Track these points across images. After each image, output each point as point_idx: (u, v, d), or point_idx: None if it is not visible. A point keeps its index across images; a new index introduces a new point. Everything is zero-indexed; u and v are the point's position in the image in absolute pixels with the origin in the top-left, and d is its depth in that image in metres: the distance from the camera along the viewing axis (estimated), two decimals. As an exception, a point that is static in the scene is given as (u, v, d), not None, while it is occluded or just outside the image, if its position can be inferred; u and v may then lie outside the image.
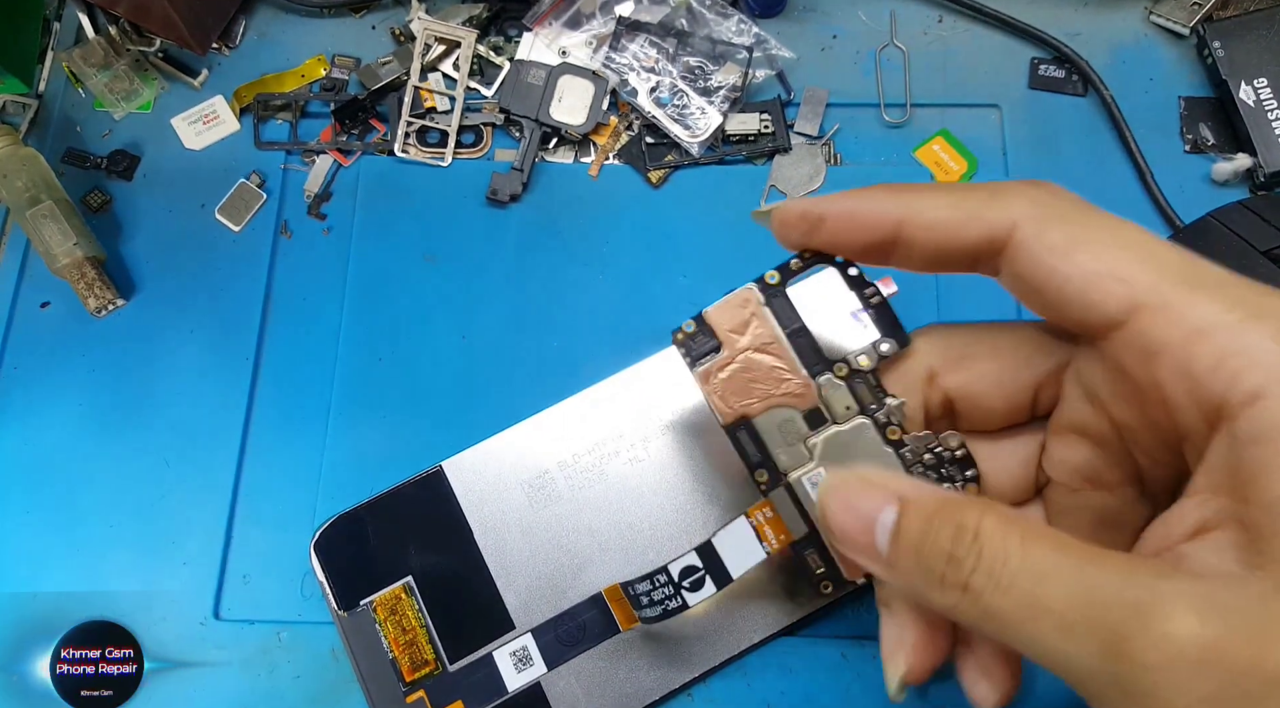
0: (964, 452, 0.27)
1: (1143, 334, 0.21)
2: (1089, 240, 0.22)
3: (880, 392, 0.27)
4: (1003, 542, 0.20)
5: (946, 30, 0.41)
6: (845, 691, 0.32)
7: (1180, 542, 0.21)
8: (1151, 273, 0.21)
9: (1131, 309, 0.21)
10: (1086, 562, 0.19)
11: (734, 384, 0.28)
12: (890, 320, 0.27)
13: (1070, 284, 0.22)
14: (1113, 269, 0.21)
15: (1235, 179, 0.37)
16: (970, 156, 0.39)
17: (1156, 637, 0.17)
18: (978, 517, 0.21)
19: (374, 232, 0.39)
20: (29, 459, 0.37)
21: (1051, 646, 0.19)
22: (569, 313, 0.38)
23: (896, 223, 0.24)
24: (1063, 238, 0.22)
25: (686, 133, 0.39)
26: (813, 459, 0.28)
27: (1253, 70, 0.38)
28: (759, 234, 0.38)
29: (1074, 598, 0.19)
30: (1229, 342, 0.20)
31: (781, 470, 0.28)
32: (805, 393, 0.28)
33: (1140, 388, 0.21)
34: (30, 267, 0.40)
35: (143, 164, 0.41)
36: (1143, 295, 0.21)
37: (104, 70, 0.42)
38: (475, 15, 0.42)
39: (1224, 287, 0.21)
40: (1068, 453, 0.25)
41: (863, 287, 0.28)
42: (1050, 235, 0.22)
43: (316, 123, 0.42)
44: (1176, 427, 0.21)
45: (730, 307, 0.29)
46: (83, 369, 0.38)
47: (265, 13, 0.43)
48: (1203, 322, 0.20)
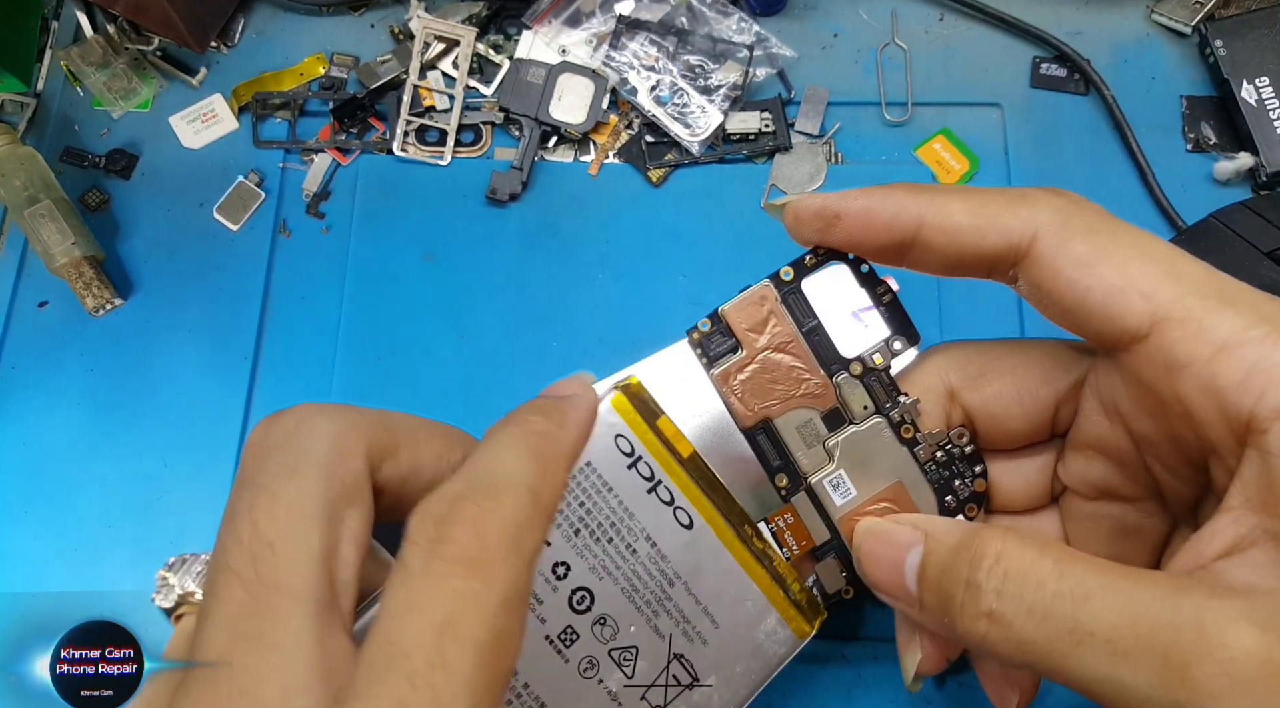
0: (972, 448, 0.27)
1: (1166, 348, 0.21)
2: (1112, 253, 0.22)
3: (894, 389, 0.28)
4: (1033, 565, 0.19)
5: (948, 29, 0.41)
6: (846, 691, 0.32)
7: (1215, 559, 0.20)
8: (1175, 287, 0.21)
9: (1154, 323, 0.21)
10: (1132, 582, 0.18)
11: (754, 386, 0.28)
12: (902, 319, 0.27)
13: (1092, 296, 0.22)
14: (1136, 282, 0.21)
15: (1237, 178, 0.37)
16: (971, 155, 0.39)
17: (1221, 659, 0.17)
18: (999, 542, 0.20)
19: (373, 231, 0.39)
20: (28, 459, 0.37)
21: (1102, 674, 0.18)
22: (568, 312, 0.38)
23: (915, 225, 0.24)
24: (1086, 250, 0.22)
25: (687, 131, 0.39)
26: (833, 461, 0.28)
27: (1254, 69, 0.38)
28: (759, 233, 0.39)
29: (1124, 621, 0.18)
30: (1257, 356, 0.20)
31: (802, 474, 0.28)
32: (824, 393, 0.28)
33: (1162, 402, 0.21)
34: (28, 266, 0.40)
35: (141, 163, 0.41)
36: (1166, 309, 0.21)
37: (102, 69, 0.42)
38: (474, 14, 0.42)
39: (1249, 302, 0.20)
40: (1086, 467, 0.25)
41: (874, 285, 0.27)
42: (1073, 247, 0.22)
43: (315, 121, 0.41)
44: (1201, 441, 0.21)
45: (747, 304, 0.28)
46: (81, 369, 0.38)
47: (264, 11, 0.43)
48: (1228, 336, 0.20)
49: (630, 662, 0.26)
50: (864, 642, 0.33)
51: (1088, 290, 0.22)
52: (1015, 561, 0.20)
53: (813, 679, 0.32)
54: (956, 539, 0.22)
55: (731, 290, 0.37)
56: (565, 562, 0.26)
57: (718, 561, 0.27)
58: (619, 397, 0.26)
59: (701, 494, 0.27)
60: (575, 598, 0.26)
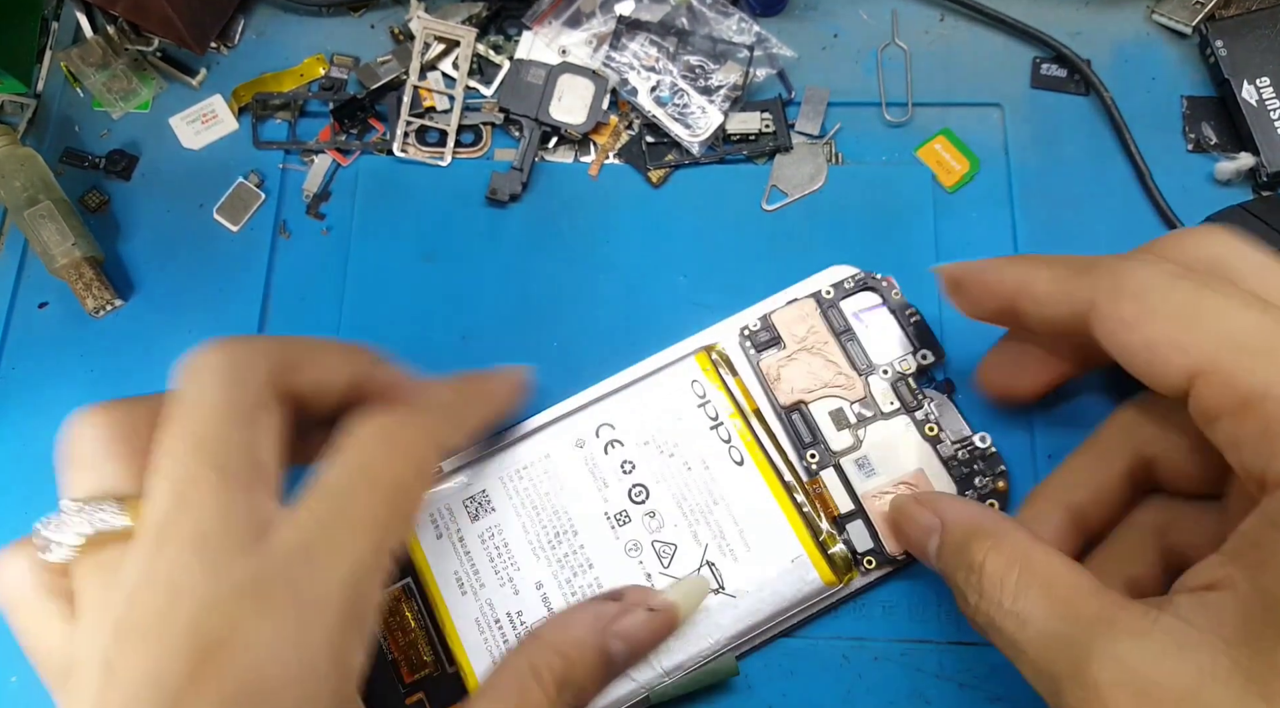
0: (994, 451, 0.31)
1: (1200, 401, 0.22)
2: (1156, 312, 0.23)
3: (919, 393, 0.32)
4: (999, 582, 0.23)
5: (948, 29, 0.41)
6: (846, 692, 0.32)
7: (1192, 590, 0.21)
8: (1210, 340, 0.21)
9: (1190, 377, 0.22)
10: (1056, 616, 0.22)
11: (793, 373, 0.33)
12: (927, 336, 0.33)
13: (1139, 355, 0.23)
14: (1174, 338, 0.22)
15: (1238, 178, 0.37)
16: (972, 156, 0.39)
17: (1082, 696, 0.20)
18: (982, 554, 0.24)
19: (373, 231, 0.39)
20: (28, 460, 0.37)
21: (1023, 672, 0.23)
22: (569, 312, 0.38)
23: (1013, 295, 0.26)
24: (1132, 311, 0.23)
25: (687, 132, 0.39)
26: (860, 446, 0.32)
27: (1255, 69, 0.38)
28: (759, 233, 0.39)
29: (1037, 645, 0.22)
30: (1274, 415, 0.20)
31: (832, 452, 0.32)
32: (855, 387, 0.33)
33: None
34: (28, 267, 0.40)
35: (141, 164, 0.41)
36: (1199, 363, 0.21)
37: (102, 70, 0.42)
38: (474, 14, 0.42)
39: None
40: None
41: (904, 308, 0.34)
42: (1122, 309, 0.23)
43: (315, 122, 0.41)
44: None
45: (792, 311, 0.34)
46: (81, 370, 0.38)
47: (264, 12, 0.43)
48: (1251, 391, 0.20)
49: (668, 555, 0.31)
50: (864, 642, 0.33)
51: (1136, 350, 0.23)
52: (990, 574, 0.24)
53: (813, 680, 0.32)
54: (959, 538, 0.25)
55: (732, 290, 0.38)
56: (632, 461, 0.32)
57: (760, 497, 0.31)
58: (702, 354, 0.33)
59: (755, 441, 0.32)
60: (634, 491, 0.32)
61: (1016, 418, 0.34)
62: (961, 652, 0.32)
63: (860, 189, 0.38)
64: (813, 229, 0.38)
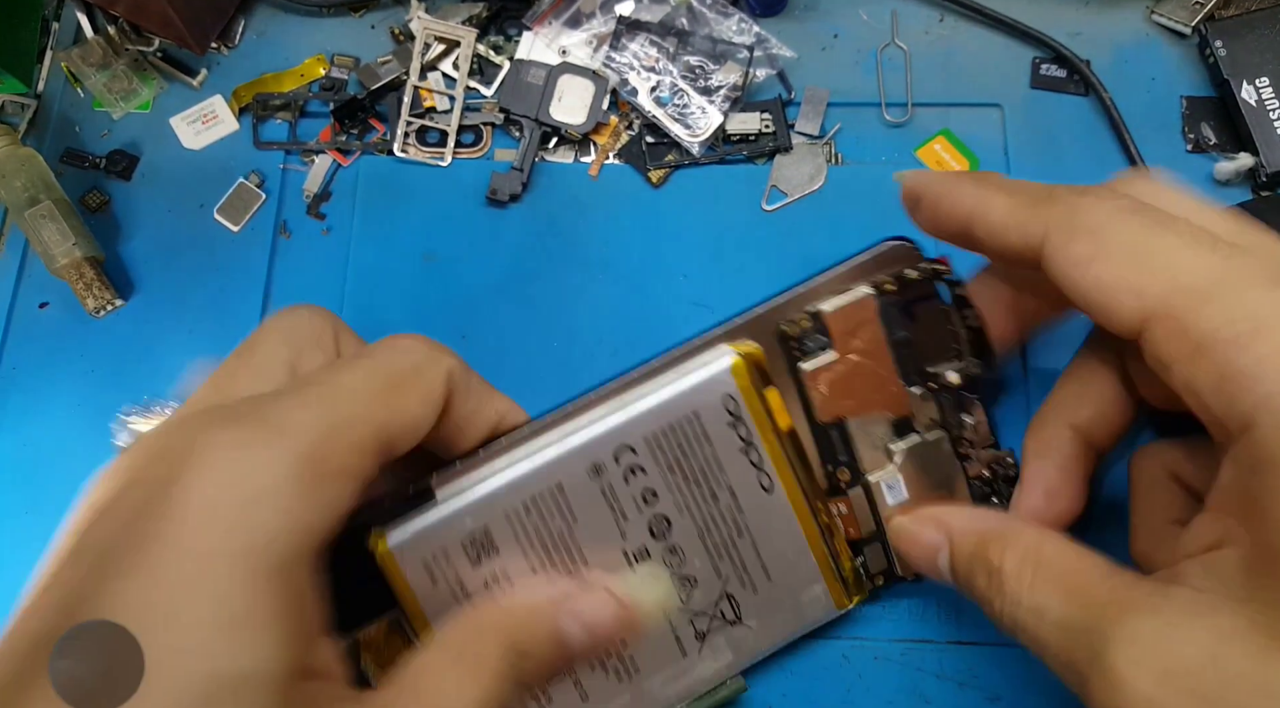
0: (1016, 471, 0.30)
1: (1154, 346, 0.21)
2: (1110, 251, 0.22)
3: (959, 409, 0.30)
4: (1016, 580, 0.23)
5: (948, 30, 0.41)
6: (846, 692, 0.32)
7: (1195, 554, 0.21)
8: (1165, 282, 0.21)
9: (1143, 320, 0.21)
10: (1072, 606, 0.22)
11: (839, 385, 0.30)
12: (983, 344, 0.29)
13: (1090, 295, 0.22)
14: (1127, 280, 0.21)
15: (1237, 178, 0.37)
16: (972, 156, 0.39)
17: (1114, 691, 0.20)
18: (999, 556, 0.24)
19: (373, 232, 0.39)
20: (28, 461, 0.37)
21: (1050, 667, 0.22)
22: (569, 313, 0.38)
23: (967, 220, 0.25)
24: (1085, 249, 0.22)
25: (687, 132, 0.39)
26: (892, 464, 0.30)
27: (1255, 69, 0.38)
28: (759, 233, 0.39)
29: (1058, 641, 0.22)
30: (1227, 359, 0.19)
31: (863, 471, 0.30)
32: (899, 402, 0.30)
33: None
34: (29, 267, 0.40)
35: (141, 164, 0.41)
36: (1152, 307, 0.21)
37: (103, 70, 0.42)
38: (475, 14, 0.42)
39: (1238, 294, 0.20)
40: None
41: (963, 307, 0.29)
42: (1074, 247, 0.22)
43: (315, 122, 0.41)
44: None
45: (847, 309, 0.29)
46: (81, 370, 0.38)
47: (264, 12, 0.43)
48: (1204, 336, 0.20)
49: (687, 590, 0.29)
50: (864, 642, 0.33)
51: (1086, 290, 0.22)
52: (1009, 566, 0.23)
53: (813, 679, 0.32)
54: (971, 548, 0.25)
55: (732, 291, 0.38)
56: (655, 491, 0.28)
57: (786, 526, 0.29)
58: (739, 362, 0.28)
59: (787, 465, 0.29)
60: (654, 524, 0.28)
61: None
62: (961, 652, 0.32)
63: (860, 189, 0.39)
64: (813, 229, 0.38)
